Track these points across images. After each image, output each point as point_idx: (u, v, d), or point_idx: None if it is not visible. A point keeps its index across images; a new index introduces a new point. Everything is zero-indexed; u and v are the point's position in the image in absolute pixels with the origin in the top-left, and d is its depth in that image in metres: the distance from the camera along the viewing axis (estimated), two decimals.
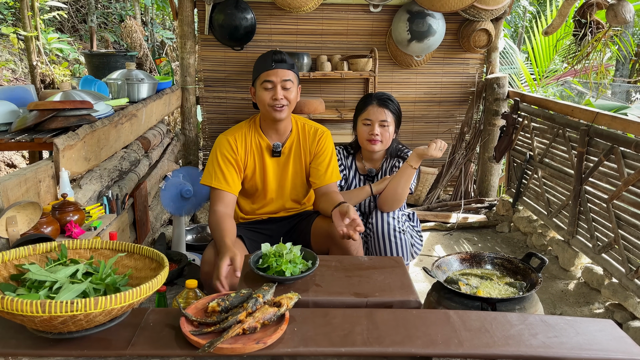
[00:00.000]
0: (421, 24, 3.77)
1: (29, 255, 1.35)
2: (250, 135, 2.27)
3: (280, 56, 2.16)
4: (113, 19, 7.71)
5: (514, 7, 8.19)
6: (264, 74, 2.15)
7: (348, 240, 2.03)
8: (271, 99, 2.14)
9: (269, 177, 2.31)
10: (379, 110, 2.46)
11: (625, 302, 2.55)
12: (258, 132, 2.28)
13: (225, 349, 1.18)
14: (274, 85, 2.14)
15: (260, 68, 2.17)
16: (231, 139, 2.24)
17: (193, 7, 3.86)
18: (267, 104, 2.16)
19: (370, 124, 2.48)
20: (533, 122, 3.59)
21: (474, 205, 4.11)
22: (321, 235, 2.22)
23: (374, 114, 2.47)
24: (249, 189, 2.34)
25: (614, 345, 1.30)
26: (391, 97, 2.53)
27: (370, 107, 2.49)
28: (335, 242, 2.10)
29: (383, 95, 2.52)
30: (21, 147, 2.15)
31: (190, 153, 4.14)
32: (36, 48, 4.80)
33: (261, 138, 2.28)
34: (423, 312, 1.44)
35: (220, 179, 2.19)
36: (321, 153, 2.34)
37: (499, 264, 1.94)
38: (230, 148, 2.22)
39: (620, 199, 2.62)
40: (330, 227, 2.10)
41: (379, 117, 2.46)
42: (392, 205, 2.39)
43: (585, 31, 3.24)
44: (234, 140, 2.24)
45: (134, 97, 3.04)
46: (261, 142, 2.28)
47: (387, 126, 2.48)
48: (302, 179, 2.37)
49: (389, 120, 2.47)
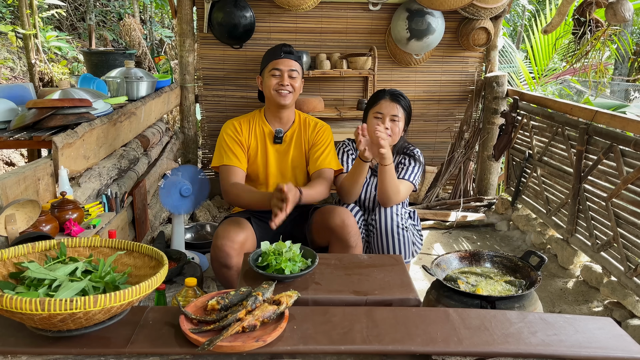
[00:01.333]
0: (420, 23, 3.77)
1: (28, 253, 1.34)
2: (255, 122, 2.46)
3: (289, 48, 2.38)
4: (112, 17, 7.70)
5: (513, 6, 8.19)
6: (272, 62, 2.35)
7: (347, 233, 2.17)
8: (277, 84, 2.34)
9: (270, 163, 2.44)
10: (391, 105, 2.48)
11: (624, 300, 2.55)
12: (262, 119, 2.46)
13: (225, 347, 1.18)
14: (282, 73, 2.33)
15: (269, 57, 2.38)
16: (236, 122, 2.44)
17: (192, 5, 3.85)
18: (272, 88, 2.34)
19: (381, 118, 2.50)
20: (532, 120, 3.59)
21: (473, 204, 4.11)
22: (321, 229, 2.29)
23: (385, 108, 2.49)
24: (251, 173, 2.46)
25: (613, 343, 1.30)
26: (402, 94, 2.56)
27: (382, 101, 2.51)
28: (334, 234, 2.20)
29: (396, 92, 2.54)
30: (20, 145, 2.15)
31: (189, 151, 4.14)
32: (35, 46, 4.79)
33: (264, 125, 2.44)
34: (422, 310, 1.44)
35: (231, 157, 2.37)
36: (319, 142, 2.47)
37: (498, 262, 1.94)
38: (234, 129, 2.41)
39: (619, 197, 2.62)
40: (328, 220, 2.21)
41: (391, 112, 2.48)
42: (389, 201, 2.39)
43: (585, 30, 3.23)
44: (238, 124, 2.43)
45: (133, 95, 3.03)
46: (264, 128, 2.44)
47: (398, 121, 2.50)
48: (302, 167, 2.49)
49: (399, 115, 2.49)
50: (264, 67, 2.40)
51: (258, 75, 2.47)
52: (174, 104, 3.90)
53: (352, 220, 2.22)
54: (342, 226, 2.17)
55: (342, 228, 2.17)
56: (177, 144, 3.97)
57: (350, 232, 2.18)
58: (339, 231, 2.17)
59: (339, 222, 2.18)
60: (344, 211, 2.24)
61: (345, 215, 2.21)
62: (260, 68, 2.45)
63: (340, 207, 2.28)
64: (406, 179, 2.47)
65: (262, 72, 2.42)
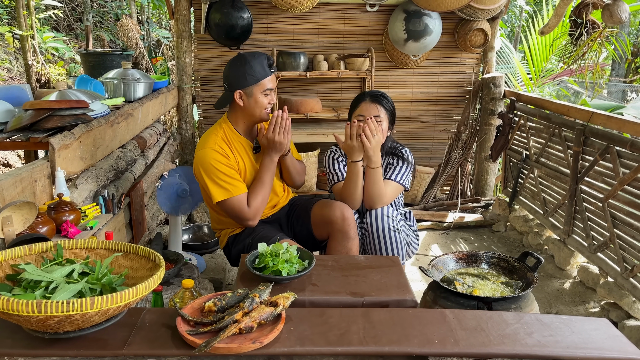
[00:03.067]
0: (418, 24, 3.78)
1: (25, 255, 1.34)
2: (231, 139, 2.27)
3: (272, 61, 2.25)
4: (109, 17, 7.68)
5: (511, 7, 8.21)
6: (265, 80, 2.20)
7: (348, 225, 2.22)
8: (269, 104, 2.25)
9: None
10: (372, 106, 2.47)
11: (621, 301, 2.56)
12: (235, 134, 2.28)
13: (222, 349, 1.18)
14: (272, 92, 2.25)
15: (258, 74, 2.18)
16: (217, 147, 2.19)
17: (189, 6, 3.85)
18: (264, 107, 2.24)
19: (363, 120, 2.48)
20: (529, 121, 3.60)
21: (471, 205, 4.12)
22: (320, 223, 2.32)
23: (366, 110, 2.48)
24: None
25: (609, 344, 1.30)
26: (384, 94, 2.54)
27: (363, 104, 2.50)
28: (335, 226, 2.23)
29: (376, 93, 2.53)
30: (17, 146, 2.14)
31: (186, 152, 4.14)
32: (32, 47, 4.79)
33: (240, 139, 2.30)
34: (419, 312, 1.44)
35: (237, 185, 2.19)
36: None
37: (495, 263, 1.95)
38: (221, 156, 2.18)
39: (615, 198, 2.63)
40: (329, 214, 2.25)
41: (372, 113, 2.46)
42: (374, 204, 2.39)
43: (581, 31, 3.25)
44: (220, 148, 2.19)
45: (130, 96, 3.03)
46: (242, 142, 2.30)
47: (380, 122, 2.47)
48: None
49: (381, 116, 2.47)
50: (252, 83, 2.18)
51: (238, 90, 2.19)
52: (171, 105, 3.90)
53: (351, 213, 2.28)
54: (343, 219, 2.23)
55: (343, 220, 2.23)
56: (174, 145, 3.97)
57: (350, 224, 2.24)
58: (339, 223, 2.22)
59: (339, 215, 2.23)
60: (342, 204, 2.29)
61: (344, 208, 2.26)
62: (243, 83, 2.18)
63: (338, 201, 2.33)
64: (395, 179, 2.46)
65: (248, 88, 2.18)
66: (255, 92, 2.20)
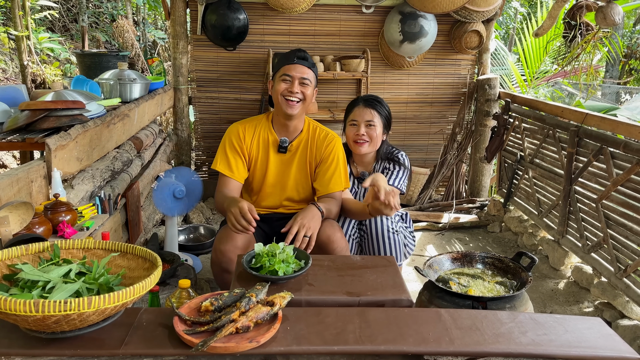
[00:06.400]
0: (413, 25, 3.79)
1: (22, 255, 1.34)
2: (260, 128, 2.35)
3: (303, 54, 2.25)
4: (104, 18, 7.67)
5: (505, 9, 8.25)
6: (284, 67, 2.23)
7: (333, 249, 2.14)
8: (286, 90, 2.20)
9: (269, 173, 2.34)
10: (365, 111, 2.48)
11: (614, 300, 2.58)
12: (268, 126, 2.35)
13: (219, 348, 1.19)
14: (292, 79, 2.21)
15: (282, 62, 2.26)
16: (241, 127, 2.32)
17: (185, 7, 3.85)
18: (280, 93, 2.21)
19: (356, 125, 2.49)
20: (524, 122, 3.62)
21: (466, 206, 4.14)
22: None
23: (359, 115, 2.48)
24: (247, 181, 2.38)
25: (602, 343, 1.32)
26: (378, 99, 2.54)
27: (356, 109, 2.51)
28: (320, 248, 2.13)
29: (370, 97, 2.53)
30: (12, 147, 2.14)
31: (182, 153, 4.13)
32: (27, 47, 4.77)
33: (270, 132, 2.34)
34: (415, 311, 1.45)
35: (225, 165, 2.29)
36: (327, 159, 2.33)
37: (489, 263, 1.96)
38: (238, 136, 2.31)
39: (609, 198, 2.65)
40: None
41: (365, 117, 2.47)
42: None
43: (575, 33, 3.28)
44: (243, 130, 2.32)
45: (126, 97, 3.03)
46: (269, 136, 2.33)
47: (374, 126, 2.47)
48: (306, 180, 2.37)
49: (375, 120, 2.47)
50: (275, 71, 2.28)
51: (270, 79, 2.34)
52: (167, 105, 3.90)
53: (339, 235, 2.17)
54: (328, 242, 2.14)
55: (328, 244, 2.14)
56: (170, 146, 3.97)
57: (336, 248, 2.14)
58: (324, 247, 2.13)
59: (325, 238, 2.13)
60: (329, 226, 2.17)
61: (330, 231, 2.15)
62: (273, 72, 2.33)
63: (326, 221, 2.18)
64: (392, 184, 2.47)
65: (274, 76, 2.29)
66: (276, 79, 2.27)
